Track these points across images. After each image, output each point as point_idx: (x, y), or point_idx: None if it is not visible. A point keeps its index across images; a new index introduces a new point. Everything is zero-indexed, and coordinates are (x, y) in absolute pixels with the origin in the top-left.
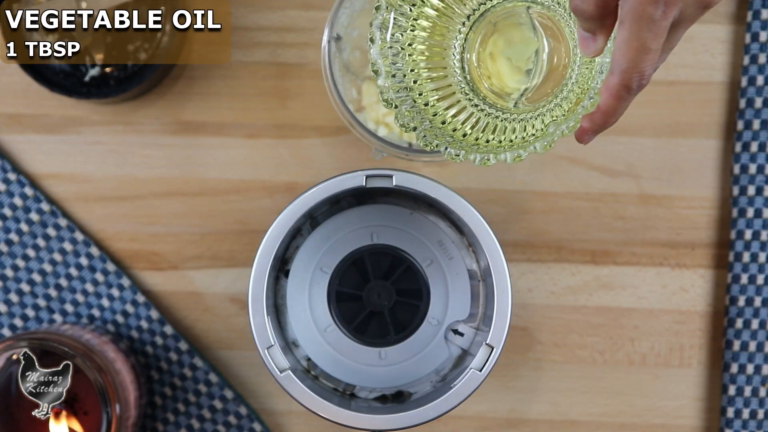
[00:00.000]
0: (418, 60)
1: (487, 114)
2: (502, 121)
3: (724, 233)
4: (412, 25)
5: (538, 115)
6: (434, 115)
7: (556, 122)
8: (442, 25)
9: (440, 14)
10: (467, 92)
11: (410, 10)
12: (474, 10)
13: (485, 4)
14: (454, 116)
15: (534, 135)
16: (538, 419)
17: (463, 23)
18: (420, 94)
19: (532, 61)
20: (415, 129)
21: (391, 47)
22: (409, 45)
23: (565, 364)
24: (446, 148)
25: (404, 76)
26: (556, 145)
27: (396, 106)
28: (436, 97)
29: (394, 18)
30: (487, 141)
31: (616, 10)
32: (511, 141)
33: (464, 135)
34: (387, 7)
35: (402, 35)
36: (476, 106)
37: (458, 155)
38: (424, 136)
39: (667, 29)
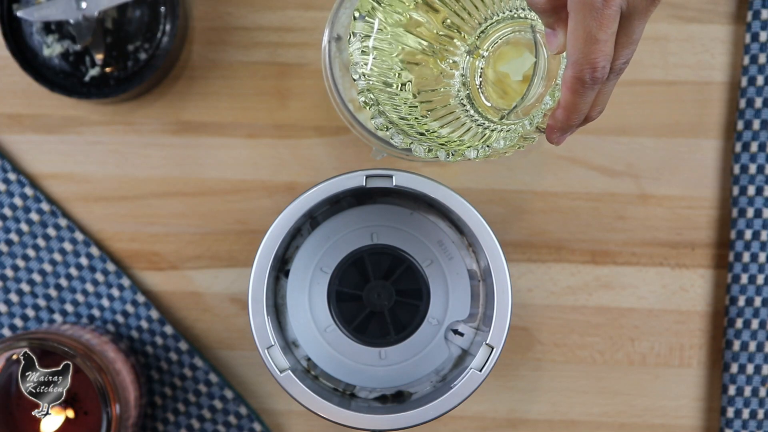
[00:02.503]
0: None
1: (479, 124)
2: (492, 131)
3: (724, 233)
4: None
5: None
6: (417, 120)
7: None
8: (443, 38)
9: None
10: (464, 104)
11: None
12: (474, 28)
13: (486, 21)
14: (442, 126)
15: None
16: (538, 419)
17: (465, 38)
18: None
19: (530, 76)
20: (387, 129)
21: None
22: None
23: (565, 364)
24: (416, 146)
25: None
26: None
27: (371, 106)
28: (433, 107)
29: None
30: (469, 146)
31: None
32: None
33: (448, 141)
34: (370, 11)
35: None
36: (471, 116)
37: (430, 151)
38: (398, 134)
39: (614, 18)
